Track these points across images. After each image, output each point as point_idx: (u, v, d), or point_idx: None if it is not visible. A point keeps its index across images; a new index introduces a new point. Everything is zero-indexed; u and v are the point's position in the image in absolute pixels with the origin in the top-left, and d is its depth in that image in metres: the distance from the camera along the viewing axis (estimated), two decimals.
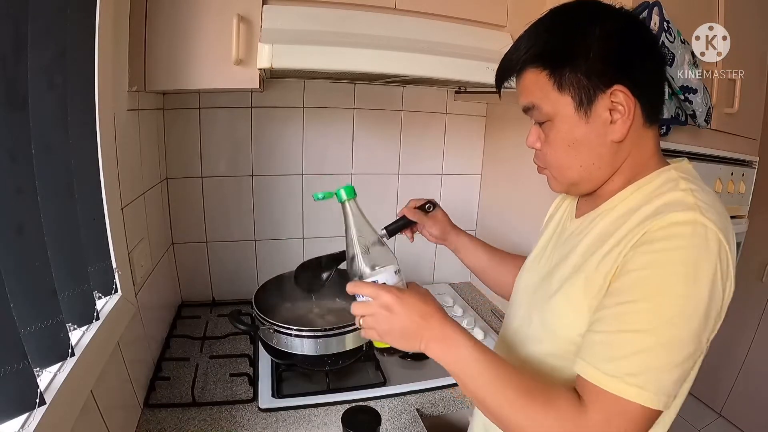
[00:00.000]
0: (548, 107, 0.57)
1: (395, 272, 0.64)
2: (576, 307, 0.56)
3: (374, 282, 0.63)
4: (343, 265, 0.81)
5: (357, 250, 0.65)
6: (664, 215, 0.49)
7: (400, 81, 1.29)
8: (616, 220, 0.57)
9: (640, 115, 0.56)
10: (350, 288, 0.63)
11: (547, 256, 0.69)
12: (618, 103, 0.54)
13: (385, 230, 0.86)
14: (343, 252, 0.73)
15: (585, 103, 0.55)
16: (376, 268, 0.64)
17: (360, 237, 0.65)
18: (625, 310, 0.49)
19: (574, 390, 0.51)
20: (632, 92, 0.54)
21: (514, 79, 0.62)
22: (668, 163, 0.60)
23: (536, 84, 0.57)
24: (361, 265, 0.64)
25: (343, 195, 0.69)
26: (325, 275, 0.92)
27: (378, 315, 0.59)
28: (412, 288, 0.63)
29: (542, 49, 0.57)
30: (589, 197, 0.64)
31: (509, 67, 0.61)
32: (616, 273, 0.52)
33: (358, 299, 0.63)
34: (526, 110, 0.61)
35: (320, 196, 0.73)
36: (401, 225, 0.92)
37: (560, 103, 0.56)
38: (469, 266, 0.94)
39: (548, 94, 0.56)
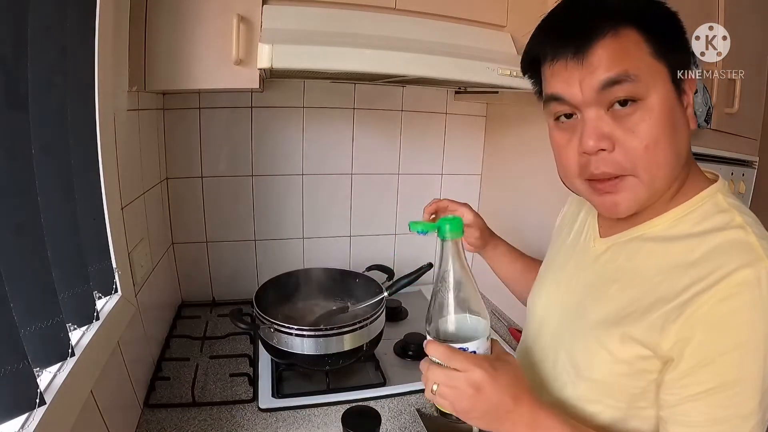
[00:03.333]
0: (646, 77, 0.45)
1: (487, 338, 0.53)
2: (613, 356, 0.50)
3: (464, 350, 0.51)
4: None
5: (450, 301, 0.53)
6: (729, 273, 0.43)
7: (400, 81, 1.29)
8: (658, 252, 0.50)
9: None
10: (433, 350, 0.51)
11: (567, 280, 0.62)
12: (690, 90, 0.48)
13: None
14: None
15: (678, 76, 0.47)
16: (469, 328, 0.53)
17: (456, 286, 0.53)
18: (712, 401, 0.44)
19: None
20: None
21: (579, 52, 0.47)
22: (705, 175, 0.53)
23: (627, 50, 0.46)
24: (450, 322, 0.53)
25: (448, 232, 0.53)
26: None
27: (461, 391, 0.48)
28: (504, 361, 0.52)
29: (641, 6, 0.47)
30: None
31: (594, 26, 0.46)
32: (676, 335, 0.45)
33: (433, 358, 0.51)
34: (606, 86, 0.46)
35: (420, 228, 0.58)
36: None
37: (659, 74, 0.46)
38: (502, 276, 0.87)
39: (644, 61, 0.46)
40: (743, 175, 1.34)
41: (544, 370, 0.62)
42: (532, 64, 0.54)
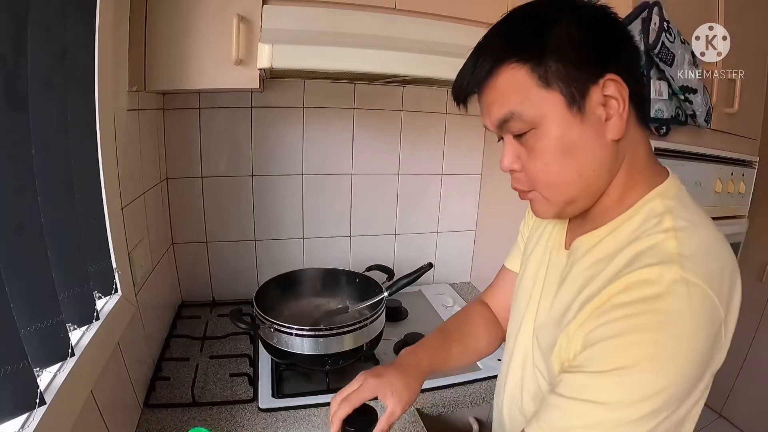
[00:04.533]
0: (532, 111, 0.48)
1: None
2: (556, 368, 0.52)
3: None
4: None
5: None
6: (631, 272, 0.44)
7: (400, 81, 1.29)
8: (596, 263, 0.51)
9: (631, 108, 0.49)
10: None
11: (536, 295, 0.62)
12: (611, 97, 0.47)
13: None
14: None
15: (578, 98, 0.47)
16: None
17: None
18: (589, 380, 0.44)
19: None
20: (624, 80, 0.47)
21: (477, 95, 0.52)
22: (663, 173, 0.53)
23: (513, 86, 0.48)
24: None
25: None
26: None
27: None
28: None
29: (518, 40, 0.49)
30: (578, 221, 0.57)
31: (478, 71, 0.50)
32: (580, 333, 0.47)
33: None
34: (501, 124, 0.51)
35: None
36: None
37: (548, 102, 0.47)
38: (453, 367, 0.79)
39: (529, 95, 0.48)
40: (743, 175, 1.34)
41: (524, 393, 0.62)
42: None
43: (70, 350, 0.59)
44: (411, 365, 0.68)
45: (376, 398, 0.64)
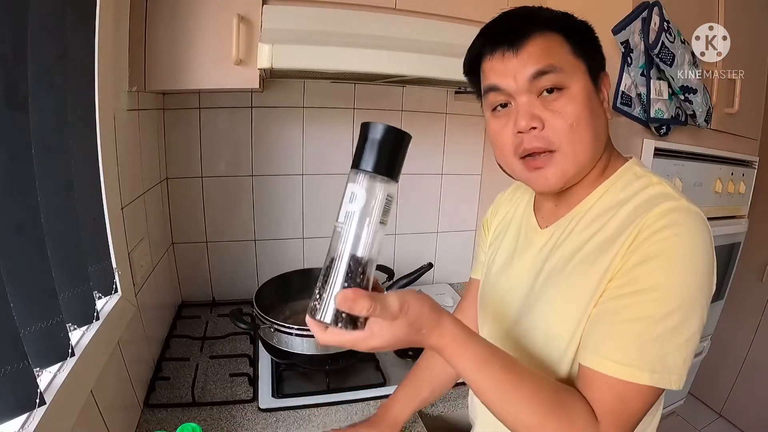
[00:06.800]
0: (569, 71, 0.55)
1: None
2: (571, 320, 0.55)
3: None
4: None
5: None
6: (658, 205, 0.51)
7: (400, 81, 1.29)
8: (593, 221, 0.57)
9: None
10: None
11: (515, 277, 0.67)
12: (605, 88, 0.59)
13: None
14: None
15: (594, 75, 0.57)
16: None
17: None
18: (633, 300, 0.49)
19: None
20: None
21: (516, 44, 0.56)
22: (623, 155, 0.62)
23: (555, 46, 0.55)
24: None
25: None
26: None
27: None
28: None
29: (553, 19, 0.57)
30: (554, 200, 0.64)
31: (532, 20, 0.56)
32: (616, 271, 0.52)
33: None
34: (536, 75, 0.54)
35: None
36: None
37: (579, 70, 0.56)
38: (431, 403, 0.89)
39: (567, 58, 0.55)
40: (743, 175, 1.35)
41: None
42: (473, 63, 0.62)
43: (70, 350, 0.59)
44: (383, 421, 0.81)
45: None
